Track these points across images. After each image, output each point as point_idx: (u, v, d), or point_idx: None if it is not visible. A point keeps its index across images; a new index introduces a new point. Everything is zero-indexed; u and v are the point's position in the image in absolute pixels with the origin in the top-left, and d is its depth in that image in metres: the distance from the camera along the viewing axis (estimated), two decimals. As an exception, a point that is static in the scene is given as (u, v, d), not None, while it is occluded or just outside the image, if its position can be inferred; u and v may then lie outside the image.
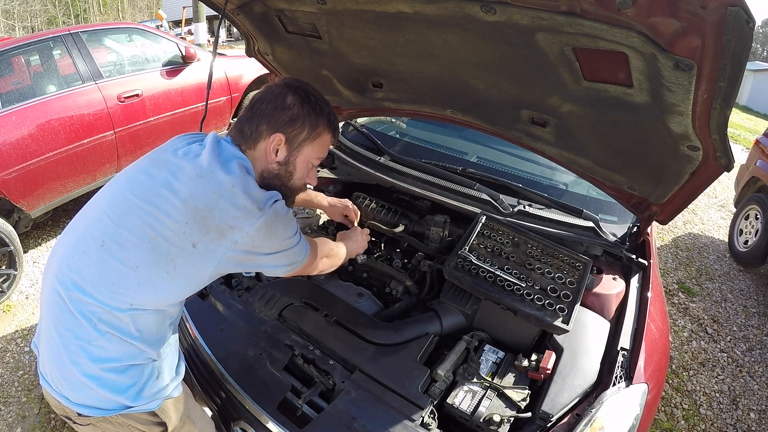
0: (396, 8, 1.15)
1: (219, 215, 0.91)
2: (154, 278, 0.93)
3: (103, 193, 1.03)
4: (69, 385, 0.97)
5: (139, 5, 35.48)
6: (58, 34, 3.36)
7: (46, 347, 1.00)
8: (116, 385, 0.97)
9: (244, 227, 0.92)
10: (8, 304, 2.94)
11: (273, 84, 1.08)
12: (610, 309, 1.52)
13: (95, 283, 0.93)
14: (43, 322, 1.02)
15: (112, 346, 0.95)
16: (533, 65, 1.17)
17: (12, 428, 2.16)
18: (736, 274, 3.92)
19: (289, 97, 1.04)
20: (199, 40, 10.88)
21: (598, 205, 1.95)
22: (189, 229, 0.90)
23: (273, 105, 1.03)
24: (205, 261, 0.93)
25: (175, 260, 0.92)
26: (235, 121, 1.08)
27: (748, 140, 9.71)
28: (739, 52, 0.77)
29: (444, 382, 1.29)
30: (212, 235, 0.91)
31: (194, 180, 0.93)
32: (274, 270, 1.06)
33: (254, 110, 1.04)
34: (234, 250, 0.93)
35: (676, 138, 1.12)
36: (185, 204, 0.91)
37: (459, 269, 1.47)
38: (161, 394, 1.05)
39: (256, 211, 0.92)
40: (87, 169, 3.36)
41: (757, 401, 2.63)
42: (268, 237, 0.95)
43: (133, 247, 0.92)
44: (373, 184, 2.06)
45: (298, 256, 1.07)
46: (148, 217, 0.92)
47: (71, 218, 1.07)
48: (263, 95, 1.06)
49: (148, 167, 0.99)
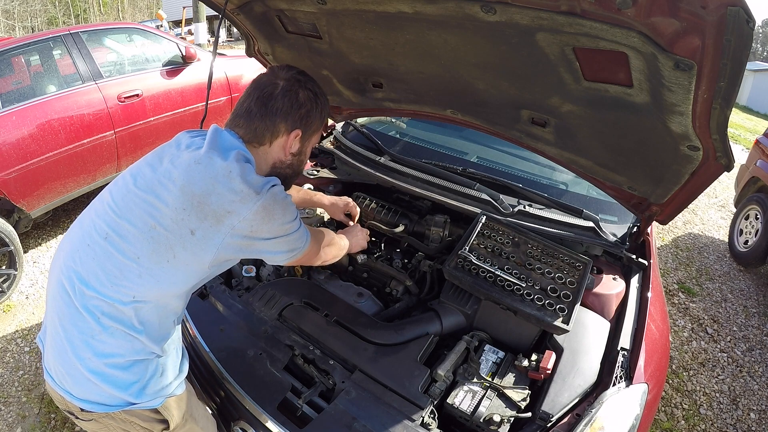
0: (396, 8, 1.15)
1: (216, 200, 0.91)
2: (154, 269, 0.93)
3: (109, 188, 1.04)
4: (72, 380, 0.98)
5: (139, 5, 35.49)
6: (58, 34, 3.36)
7: (51, 342, 1.01)
8: (120, 381, 0.97)
9: (241, 211, 0.91)
10: (8, 304, 2.94)
11: (275, 76, 1.06)
12: (610, 309, 1.52)
13: (99, 276, 0.94)
14: (48, 317, 1.03)
15: (116, 341, 0.95)
16: (533, 65, 1.17)
17: (12, 428, 2.16)
18: (736, 274, 3.92)
19: (300, 92, 1.05)
20: (199, 40, 10.89)
21: (598, 205, 1.95)
22: (186, 215, 0.91)
23: (289, 102, 1.03)
24: (203, 248, 0.93)
25: (174, 248, 0.92)
26: (243, 118, 1.03)
27: (748, 140, 9.71)
28: (739, 52, 0.77)
29: (444, 382, 1.29)
30: (210, 221, 0.91)
31: (192, 166, 0.93)
32: (275, 256, 1.05)
33: (268, 108, 1.02)
34: (232, 236, 0.93)
35: (676, 138, 1.12)
36: (182, 190, 0.91)
37: (459, 269, 1.47)
38: (164, 392, 1.05)
39: (253, 194, 0.92)
40: (87, 169, 3.36)
41: (757, 401, 2.63)
42: (266, 221, 0.95)
43: (134, 238, 0.93)
44: (373, 184, 2.06)
45: (299, 242, 1.07)
46: (148, 207, 0.93)
47: (71, 218, 1.08)
48: (272, 90, 1.03)
49: (152, 161, 1.01)
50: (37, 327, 2.78)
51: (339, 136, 2.33)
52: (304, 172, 2.12)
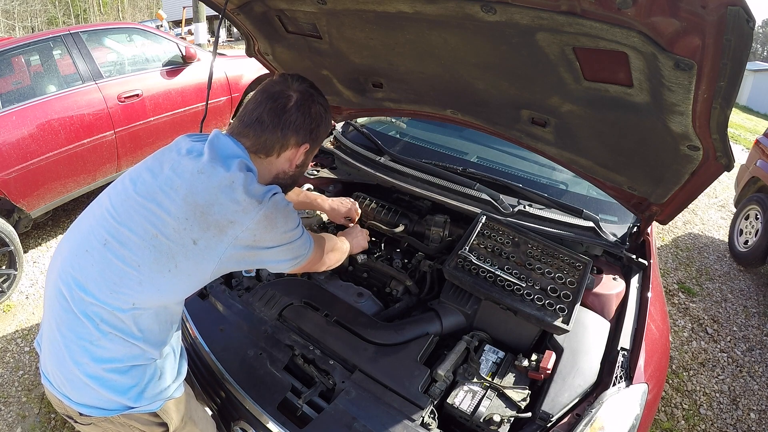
0: (396, 8, 1.15)
1: (218, 210, 0.91)
2: (155, 277, 0.92)
3: (107, 192, 1.03)
4: (71, 385, 0.97)
5: (139, 5, 35.50)
6: (58, 34, 3.36)
7: (49, 346, 1.00)
8: (118, 385, 0.97)
9: (243, 221, 0.92)
10: (8, 304, 2.94)
11: (288, 87, 1.04)
12: (610, 309, 1.52)
13: (97, 282, 0.93)
14: (45, 322, 1.02)
15: (115, 347, 0.95)
16: (533, 65, 1.17)
17: (12, 428, 2.16)
18: (736, 274, 3.92)
19: (313, 107, 1.05)
20: (199, 40, 10.88)
21: (598, 205, 1.95)
22: (189, 225, 0.90)
23: (302, 116, 1.03)
24: (206, 258, 0.93)
25: (176, 258, 0.92)
26: (252, 128, 1.01)
27: (748, 140, 9.71)
28: (740, 51, 0.77)
29: (444, 382, 1.29)
30: (212, 231, 0.91)
31: (194, 176, 0.93)
32: (279, 265, 1.04)
33: (282, 120, 1.01)
34: (235, 247, 0.93)
35: (676, 138, 1.12)
36: (185, 200, 0.91)
37: (459, 269, 1.47)
38: (163, 395, 1.05)
39: (255, 204, 0.92)
40: (87, 169, 3.36)
41: (757, 401, 2.63)
42: (269, 229, 0.95)
43: (134, 246, 0.92)
44: (373, 184, 2.06)
45: (302, 249, 1.07)
46: (150, 215, 0.92)
47: (71, 218, 1.08)
48: (285, 103, 1.02)
49: (152, 166, 0.99)
50: (37, 327, 2.78)
51: (339, 136, 2.33)
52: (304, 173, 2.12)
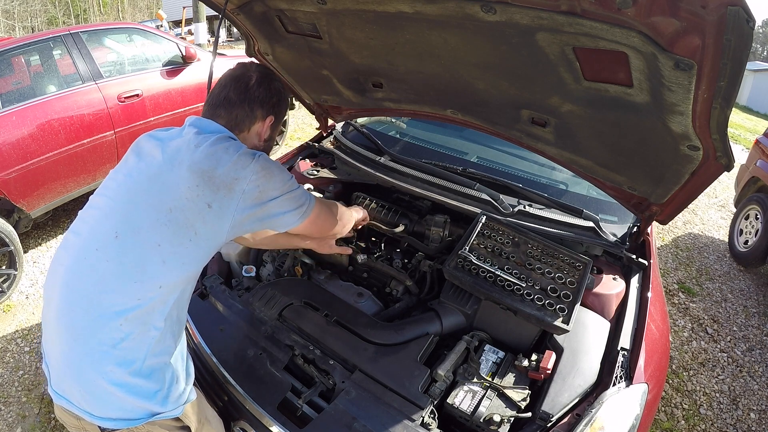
0: (396, 8, 1.15)
1: (222, 171, 0.98)
2: (178, 251, 0.96)
3: (99, 195, 1.04)
4: (93, 398, 0.95)
5: (139, 5, 35.50)
6: (58, 34, 3.36)
7: (64, 363, 0.96)
8: (144, 390, 0.96)
9: (246, 175, 1.00)
10: (8, 304, 2.94)
11: (248, 69, 1.16)
12: (610, 309, 1.52)
13: (118, 276, 0.93)
14: (52, 339, 0.98)
15: (137, 345, 0.94)
16: (533, 65, 1.17)
17: (12, 428, 2.16)
18: (736, 274, 3.92)
19: (272, 83, 1.17)
20: (199, 40, 10.88)
21: (598, 205, 1.95)
22: (201, 191, 0.97)
23: (264, 90, 1.14)
24: (222, 218, 0.99)
25: (195, 225, 0.97)
26: (223, 107, 1.11)
27: (748, 140, 9.71)
28: (739, 51, 0.77)
29: (444, 382, 1.29)
30: (223, 191, 0.98)
31: (192, 149, 1.00)
32: (286, 217, 1.10)
33: (247, 95, 1.12)
34: (245, 203, 1.00)
35: (676, 138, 1.12)
36: (191, 170, 0.97)
37: (459, 269, 1.47)
38: (182, 399, 1.05)
39: (249, 159, 1.02)
40: (87, 169, 3.36)
41: (757, 401, 2.63)
42: (268, 178, 1.03)
43: (150, 227, 0.95)
44: (373, 184, 2.06)
45: (303, 197, 1.14)
46: (159, 194, 0.97)
47: (71, 218, 1.08)
48: (248, 81, 1.13)
49: (138, 159, 1.06)
50: (37, 327, 2.78)
51: (339, 136, 2.33)
52: (304, 173, 2.12)
